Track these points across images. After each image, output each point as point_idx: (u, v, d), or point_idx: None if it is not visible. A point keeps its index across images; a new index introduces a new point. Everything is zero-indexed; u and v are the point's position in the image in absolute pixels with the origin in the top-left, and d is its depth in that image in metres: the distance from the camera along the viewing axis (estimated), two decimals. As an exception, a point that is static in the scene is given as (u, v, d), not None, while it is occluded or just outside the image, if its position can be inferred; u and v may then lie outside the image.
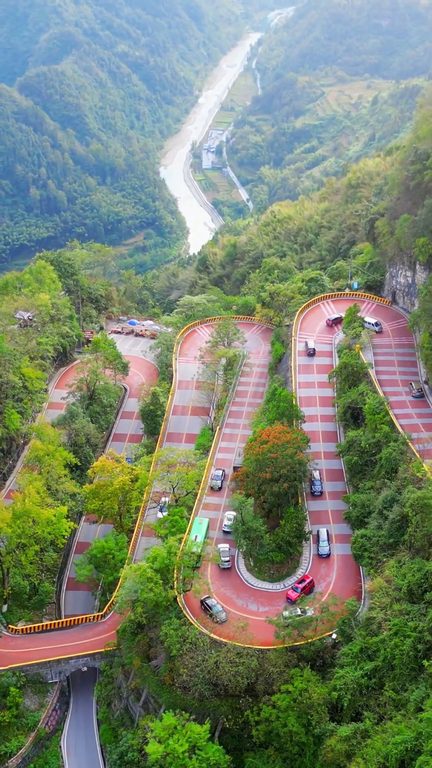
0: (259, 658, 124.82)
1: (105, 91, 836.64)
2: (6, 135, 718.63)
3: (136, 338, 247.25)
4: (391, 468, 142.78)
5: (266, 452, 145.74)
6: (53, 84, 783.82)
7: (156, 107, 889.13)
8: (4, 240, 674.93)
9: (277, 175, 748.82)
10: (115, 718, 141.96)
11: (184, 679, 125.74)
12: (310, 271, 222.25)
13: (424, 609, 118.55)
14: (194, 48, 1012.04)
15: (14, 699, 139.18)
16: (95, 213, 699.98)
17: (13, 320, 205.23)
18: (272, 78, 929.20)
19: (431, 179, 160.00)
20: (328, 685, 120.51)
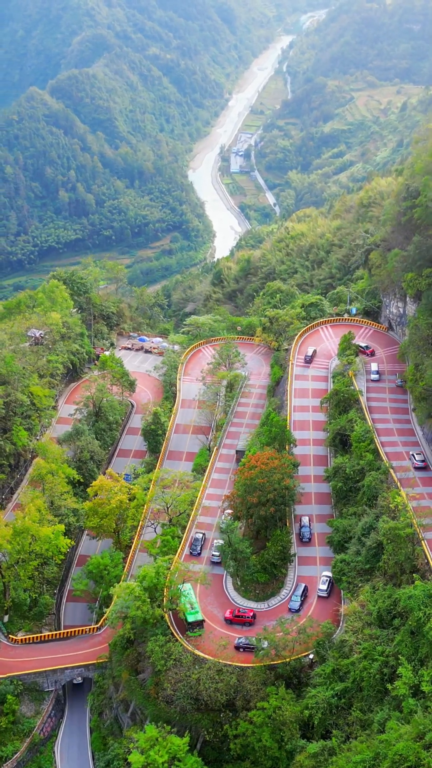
0: (239, 676, 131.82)
1: (135, 94, 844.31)
2: (37, 138, 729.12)
3: (145, 354, 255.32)
4: (372, 495, 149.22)
5: (254, 477, 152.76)
6: (84, 87, 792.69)
7: (186, 110, 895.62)
8: (33, 242, 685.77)
9: (304, 179, 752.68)
10: (105, 727, 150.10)
11: (168, 693, 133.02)
12: (311, 296, 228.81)
13: (391, 635, 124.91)
14: (225, 51, 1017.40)
15: (11, 706, 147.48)
16: (123, 216, 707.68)
17: (24, 339, 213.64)
18: (302, 82, 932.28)
19: (420, 216, 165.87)
20: (301, 703, 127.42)
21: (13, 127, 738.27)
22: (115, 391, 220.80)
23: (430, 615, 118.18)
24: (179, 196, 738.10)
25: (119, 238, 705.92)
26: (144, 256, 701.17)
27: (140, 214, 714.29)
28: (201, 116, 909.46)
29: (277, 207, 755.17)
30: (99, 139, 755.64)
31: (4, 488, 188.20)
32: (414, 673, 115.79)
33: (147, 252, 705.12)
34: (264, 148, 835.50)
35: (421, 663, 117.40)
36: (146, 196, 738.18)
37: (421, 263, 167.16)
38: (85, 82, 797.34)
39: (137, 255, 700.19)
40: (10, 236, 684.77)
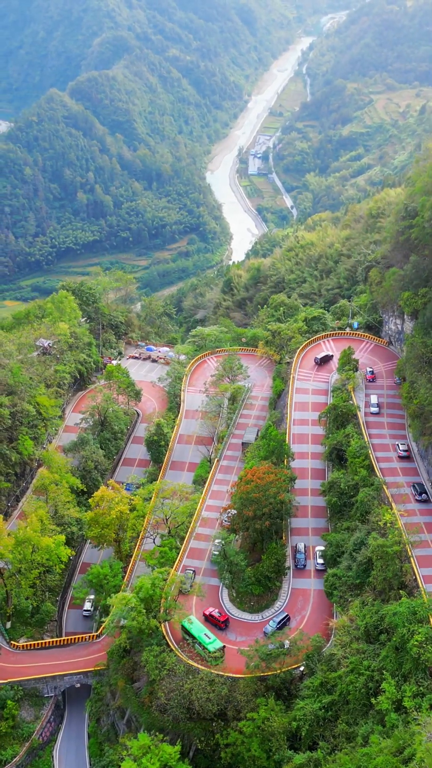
0: (230, 686, 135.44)
1: (155, 96, 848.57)
2: (56, 139, 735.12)
3: (152, 364, 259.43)
4: (365, 511, 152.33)
5: (250, 491, 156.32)
6: (104, 89, 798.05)
7: (205, 112, 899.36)
8: (51, 243, 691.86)
9: (321, 182, 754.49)
10: (102, 733, 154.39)
11: (161, 702, 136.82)
12: (314, 310, 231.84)
13: (377, 650, 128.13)
14: (245, 52, 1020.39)
15: (11, 711, 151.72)
16: (140, 218, 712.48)
17: (31, 350, 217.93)
18: (321, 84, 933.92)
19: (418, 236, 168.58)
20: (290, 715, 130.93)
21: (33, 129, 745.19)
22: (121, 400, 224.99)
23: (414, 632, 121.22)
24: (197, 198, 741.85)
25: (136, 240, 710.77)
26: (161, 257, 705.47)
27: (157, 216, 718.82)
28: (220, 118, 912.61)
29: (294, 210, 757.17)
30: (118, 141, 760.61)
31: (10, 496, 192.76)
32: (397, 688, 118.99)
33: (164, 254, 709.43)
34: (282, 150, 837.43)
35: (404, 678, 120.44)
36: (164, 197, 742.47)
37: (418, 282, 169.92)
38: (105, 83, 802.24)
39: (154, 257, 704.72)
40: (29, 237, 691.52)
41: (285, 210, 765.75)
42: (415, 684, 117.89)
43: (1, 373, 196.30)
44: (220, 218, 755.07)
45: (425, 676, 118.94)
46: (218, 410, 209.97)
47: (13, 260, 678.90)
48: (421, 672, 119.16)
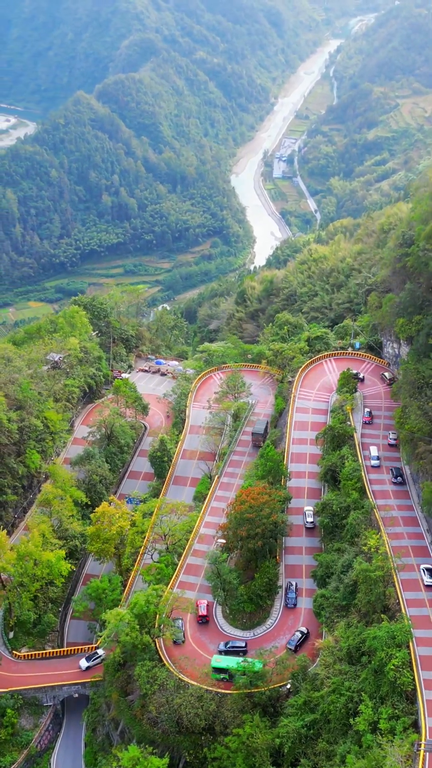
0: (218, 702, 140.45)
1: (181, 99, 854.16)
2: (82, 142, 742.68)
3: (161, 377, 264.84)
4: (354, 534, 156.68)
5: (244, 512, 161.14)
6: (130, 91, 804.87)
7: (231, 115, 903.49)
8: (75, 245, 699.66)
9: (346, 186, 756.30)
10: (98, 743, 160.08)
11: (152, 716, 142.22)
12: (317, 329, 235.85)
13: (358, 671, 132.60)
14: (272, 55, 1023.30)
15: (10, 719, 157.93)
16: (164, 221, 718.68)
17: (40, 365, 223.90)
18: (348, 87, 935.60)
19: (413, 265, 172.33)
20: (274, 731, 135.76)
21: (59, 131, 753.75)
22: (128, 413, 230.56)
23: (392, 656, 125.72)
24: (220, 202, 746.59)
25: (160, 243, 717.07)
26: (184, 260, 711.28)
27: (181, 219, 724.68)
28: (246, 121, 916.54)
29: (318, 214, 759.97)
30: (143, 144, 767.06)
31: (17, 508, 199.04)
32: (374, 710, 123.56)
33: (187, 257, 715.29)
34: (307, 154, 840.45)
35: (381, 701, 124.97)
36: (188, 200, 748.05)
37: (412, 310, 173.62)
38: (132, 86, 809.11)
39: (177, 259, 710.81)
40: (54, 239, 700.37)
41: (309, 214, 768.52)
42: (391, 707, 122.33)
43: (11, 388, 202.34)
44: (243, 221, 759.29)
45: (401, 699, 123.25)
46: (221, 426, 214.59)
47: (37, 261, 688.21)
48: (397, 695, 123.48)
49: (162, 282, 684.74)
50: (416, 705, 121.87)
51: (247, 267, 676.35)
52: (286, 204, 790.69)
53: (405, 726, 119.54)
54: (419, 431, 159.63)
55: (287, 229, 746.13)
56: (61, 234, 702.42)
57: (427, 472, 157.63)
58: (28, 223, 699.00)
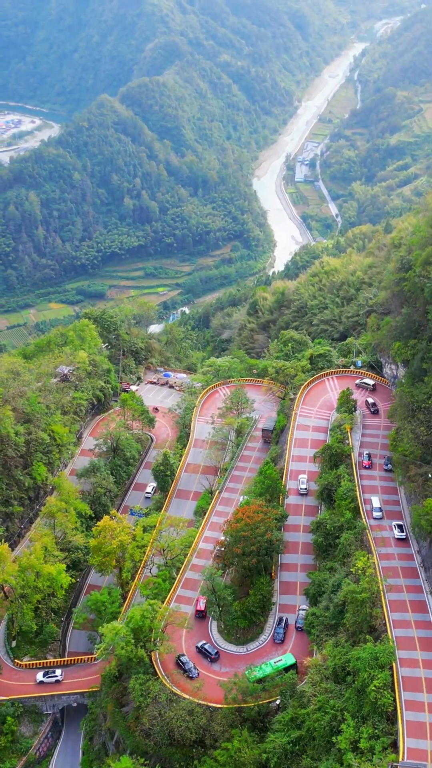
0: (209, 716, 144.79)
1: (204, 102, 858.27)
2: (105, 145, 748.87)
3: (169, 389, 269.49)
4: (346, 554, 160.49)
5: (240, 530, 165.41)
6: (154, 95, 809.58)
7: (254, 118, 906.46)
8: (97, 247, 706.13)
9: (367, 191, 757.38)
10: (94, 752, 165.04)
11: (145, 728, 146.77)
12: (320, 347, 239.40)
13: (343, 690, 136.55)
14: (297, 58, 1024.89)
15: (10, 727, 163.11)
16: (185, 224, 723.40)
17: (48, 379, 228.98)
18: (372, 91, 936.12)
19: (410, 290, 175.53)
20: (261, 746, 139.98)
21: (83, 134, 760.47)
22: (135, 426, 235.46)
23: (374, 677, 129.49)
24: (242, 205, 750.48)
25: (180, 246, 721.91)
26: (204, 264, 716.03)
27: (202, 223, 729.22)
28: (269, 124, 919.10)
29: (339, 218, 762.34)
30: (165, 147, 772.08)
31: (23, 519, 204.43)
32: (356, 729, 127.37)
33: (207, 260, 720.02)
34: (329, 158, 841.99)
35: (363, 720, 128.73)
36: (209, 204, 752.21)
37: (408, 334, 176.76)
38: (155, 89, 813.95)
39: (197, 263, 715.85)
40: (75, 241, 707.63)
41: (330, 218, 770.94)
42: (372, 726, 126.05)
43: (19, 402, 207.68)
44: (264, 225, 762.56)
45: (381, 719, 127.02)
46: (225, 441, 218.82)
47: (59, 263, 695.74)
48: (377, 715, 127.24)
49: (182, 285, 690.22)
50: (396, 725, 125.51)
51: (267, 271, 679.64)
52: (308, 208, 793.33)
53: (384, 746, 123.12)
54: (411, 454, 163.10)
55: (308, 234, 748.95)
56: (83, 236, 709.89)
57: (418, 495, 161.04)
58: (50, 226, 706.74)
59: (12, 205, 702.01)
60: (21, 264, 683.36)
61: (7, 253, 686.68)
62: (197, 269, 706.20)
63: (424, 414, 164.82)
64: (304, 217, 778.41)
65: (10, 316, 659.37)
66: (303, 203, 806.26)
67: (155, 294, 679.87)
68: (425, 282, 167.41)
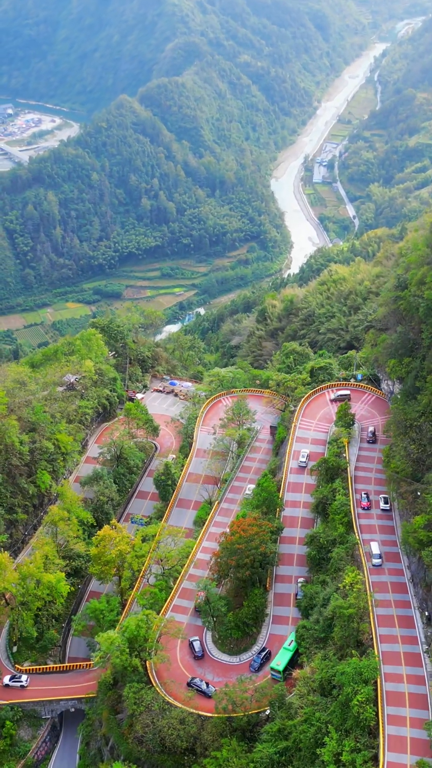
0: (200, 725, 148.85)
1: (223, 103, 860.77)
2: (123, 145, 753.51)
3: (174, 398, 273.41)
4: (337, 568, 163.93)
5: (234, 542, 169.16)
6: (172, 95, 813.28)
7: (273, 118, 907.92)
8: (114, 247, 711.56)
9: (385, 193, 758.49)
10: (90, 757, 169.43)
11: (139, 735, 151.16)
12: (321, 360, 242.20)
13: (329, 703, 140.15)
14: (317, 58, 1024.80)
15: (9, 731, 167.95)
16: (202, 225, 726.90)
17: (54, 388, 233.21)
18: (392, 92, 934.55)
19: (405, 308, 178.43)
20: (249, 756, 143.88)
21: (102, 135, 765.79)
22: (140, 434, 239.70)
23: (358, 691, 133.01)
24: (259, 207, 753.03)
25: (197, 247, 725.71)
26: (220, 265, 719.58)
27: (219, 224, 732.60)
28: (288, 125, 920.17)
29: (356, 220, 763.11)
30: (184, 148, 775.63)
31: (28, 526, 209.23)
32: (339, 742, 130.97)
33: (223, 261, 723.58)
34: (348, 159, 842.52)
35: (346, 733, 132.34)
36: (226, 205, 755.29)
37: (403, 352, 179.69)
38: (174, 90, 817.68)
39: (214, 264, 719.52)
40: (93, 241, 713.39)
41: (347, 220, 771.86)
42: (354, 740, 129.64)
43: (25, 411, 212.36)
44: (281, 227, 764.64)
45: (363, 733, 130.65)
46: (226, 452, 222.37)
47: (76, 263, 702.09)
48: (360, 729, 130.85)
49: (198, 286, 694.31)
50: (378, 739, 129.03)
51: (283, 273, 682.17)
52: (325, 209, 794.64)
53: (365, 759, 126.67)
54: (402, 471, 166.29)
55: (325, 235, 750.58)
56: (101, 236, 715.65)
57: (408, 512, 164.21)
58: (68, 225, 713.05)
59: (31, 204, 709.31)
60: (39, 263, 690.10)
61: (25, 253, 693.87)
62: (213, 270, 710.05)
63: (415, 432, 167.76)
64: (321, 219, 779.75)
65: (28, 315, 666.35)
66: (320, 204, 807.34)
67: (171, 294, 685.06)
68: (420, 302, 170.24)
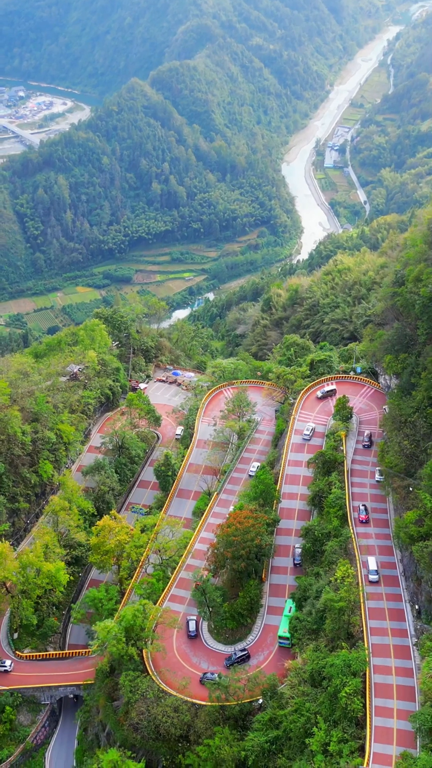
0: (194, 713, 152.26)
1: (235, 86, 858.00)
2: (134, 129, 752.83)
3: (177, 387, 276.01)
4: (331, 561, 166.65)
5: (230, 534, 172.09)
6: (184, 79, 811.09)
7: (285, 102, 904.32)
8: (124, 232, 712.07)
9: (396, 178, 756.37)
10: (87, 742, 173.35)
11: (134, 722, 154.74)
12: (322, 352, 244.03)
13: (318, 694, 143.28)
14: (330, 41, 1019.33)
15: (8, 716, 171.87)
16: (212, 210, 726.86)
17: (57, 379, 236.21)
18: (405, 76, 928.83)
19: (402, 305, 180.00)
20: (241, 744, 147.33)
21: (113, 118, 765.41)
22: (142, 424, 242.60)
23: (346, 683, 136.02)
24: (269, 191, 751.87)
25: (207, 232, 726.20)
26: (230, 250, 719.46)
27: (229, 208, 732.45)
28: (300, 108, 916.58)
29: (367, 205, 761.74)
30: (194, 132, 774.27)
31: (30, 514, 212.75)
32: (327, 732, 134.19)
33: (233, 246, 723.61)
34: (359, 144, 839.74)
35: (334, 724, 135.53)
36: (237, 190, 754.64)
37: (399, 348, 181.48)
38: (186, 73, 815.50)
39: (224, 248, 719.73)
40: (103, 225, 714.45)
41: (358, 205, 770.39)
42: (342, 731, 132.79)
43: (28, 401, 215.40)
44: (292, 211, 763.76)
45: (351, 724, 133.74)
46: (226, 443, 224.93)
47: (86, 247, 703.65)
48: (347, 720, 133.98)
49: (208, 271, 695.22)
50: (365, 730, 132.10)
51: (293, 258, 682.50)
52: (336, 194, 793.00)
53: (352, 749, 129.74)
54: (395, 467, 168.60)
55: (336, 220, 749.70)
56: (111, 221, 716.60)
57: (401, 507, 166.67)
58: (78, 210, 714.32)
59: (41, 188, 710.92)
60: (49, 247, 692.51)
61: (35, 237, 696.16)
62: (223, 255, 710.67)
63: (409, 428, 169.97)
64: (332, 204, 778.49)
65: (38, 299, 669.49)
66: (332, 189, 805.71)
67: (181, 279, 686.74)
68: (416, 299, 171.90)
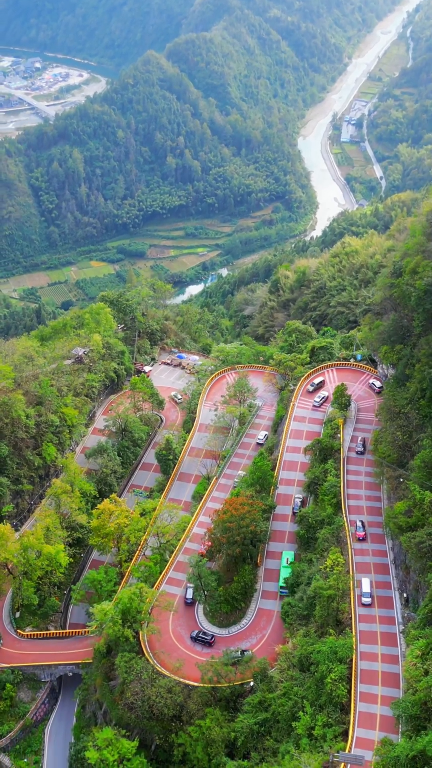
0: (186, 694, 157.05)
1: (252, 59, 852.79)
2: (150, 102, 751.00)
3: (182, 371, 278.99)
4: (323, 548, 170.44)
5: (226, 521, 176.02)
6: (200, 51, 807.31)
7: (302, 75, 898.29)
8: (138, 206, 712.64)
9: (413, 154, 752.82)
10: (85, 719, 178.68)
11: (129, 702, 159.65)
12: (323, 339, 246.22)
13: (306, 679, 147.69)
14: (349, 13, 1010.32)
15: (9, 693, 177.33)
16: (227, 184, 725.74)
17: (62, 363, 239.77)
18: (424, 49, 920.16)
19: (399, 296, 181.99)
20: (231, 726, 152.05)
21: (128, 91, 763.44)
22: (146, 407, 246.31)
23: (332, 669, 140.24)
24: (285, 166, 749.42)
25: (222, 206, 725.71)
26: (244, 225, 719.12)
27: (244, 183, 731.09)
28: (317, 81, 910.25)
29: (383, 181, 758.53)
30: (210, 105, 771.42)
31: (33, 495, 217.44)
32: (312, 717, 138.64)
33: (248, 221, 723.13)
34: (377, 118, 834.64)
35: (320, 709, 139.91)
36: (252, 164, 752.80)
37: (395, 339, 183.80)
38: (202, 46, 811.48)
39: (238, 224, 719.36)
40: (117, 199, 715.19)
41: (374, 180, 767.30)
42: (327, 716, 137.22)
43: (32, 385, 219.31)
44: (307, 187, 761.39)
45: (335, 709, 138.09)
46: (228, 428, 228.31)
47: (101, 222, 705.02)
48: (332, 705, 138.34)
49: (221, 246, 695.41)
50: (349, 716, 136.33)
51: (308, 234, 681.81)
52: (352, 170, 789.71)
53: (336, 734, 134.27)
54: (388, 457, 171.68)
55: (351, 196, 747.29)
56: (125, 195, 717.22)
57: (392, 497, 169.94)
58: (93, 183, 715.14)
59: (56, 161, 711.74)
60: (63, 221, 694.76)
61: (50, 210, 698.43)
62: (237, 230, 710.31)
63: (402, 419, 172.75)
64: (347, 179, 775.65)
65: (52, 273, 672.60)
66: (348, 164, 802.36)
67: (195, 254, 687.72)
68: (412, 290, 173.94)
